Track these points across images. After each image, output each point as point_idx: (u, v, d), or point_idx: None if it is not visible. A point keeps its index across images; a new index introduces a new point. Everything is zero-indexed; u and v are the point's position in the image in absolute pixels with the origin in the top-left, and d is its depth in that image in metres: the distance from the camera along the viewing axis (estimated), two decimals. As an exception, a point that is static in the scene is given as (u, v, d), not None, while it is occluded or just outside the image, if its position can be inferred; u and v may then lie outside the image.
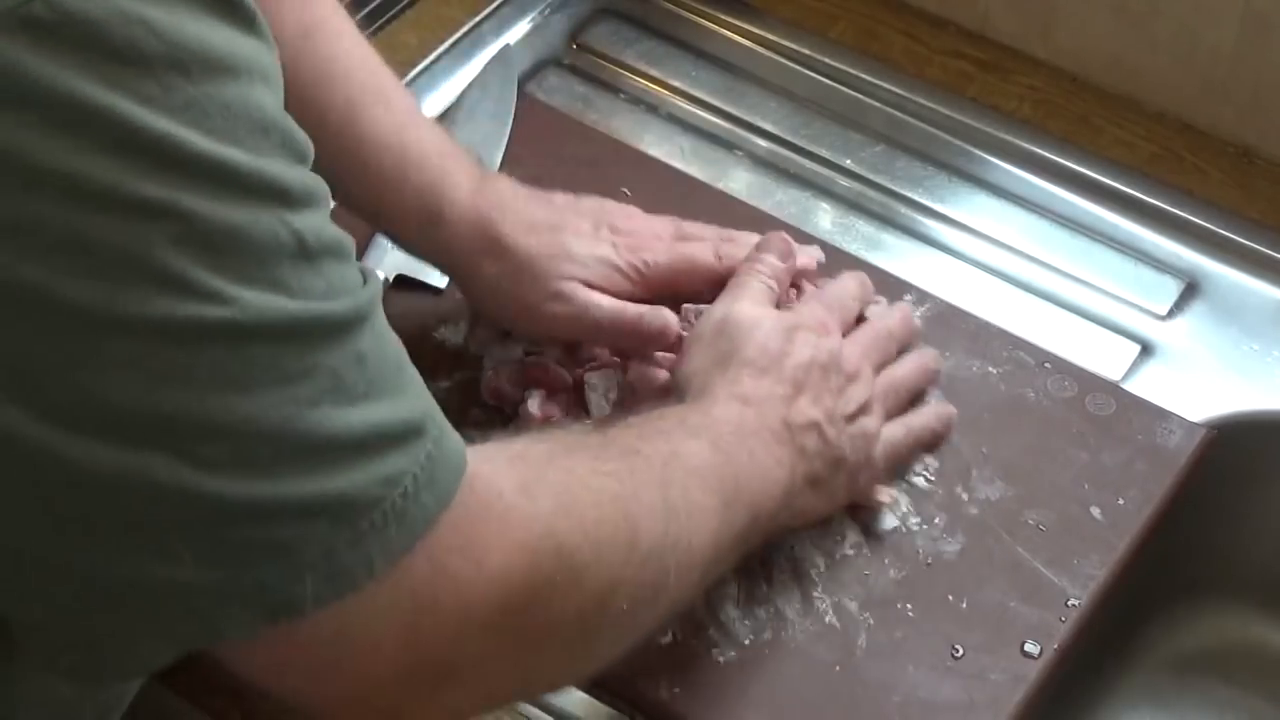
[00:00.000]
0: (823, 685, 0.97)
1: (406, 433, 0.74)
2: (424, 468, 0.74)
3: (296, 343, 0.71)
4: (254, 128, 0.70)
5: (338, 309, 0.72)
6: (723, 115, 1.27)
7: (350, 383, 0.72)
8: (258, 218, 0.69)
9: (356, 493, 0.72)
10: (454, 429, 0.77)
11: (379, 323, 0.75)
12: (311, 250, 0.71)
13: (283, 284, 0.70)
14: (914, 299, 1.14)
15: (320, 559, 0.72)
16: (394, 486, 0.73)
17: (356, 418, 0.72)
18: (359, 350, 0.73)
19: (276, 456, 0.70)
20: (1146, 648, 1.17)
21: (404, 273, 1.14)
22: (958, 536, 1.03)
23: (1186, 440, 1.08)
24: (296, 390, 0.70)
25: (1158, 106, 1.27)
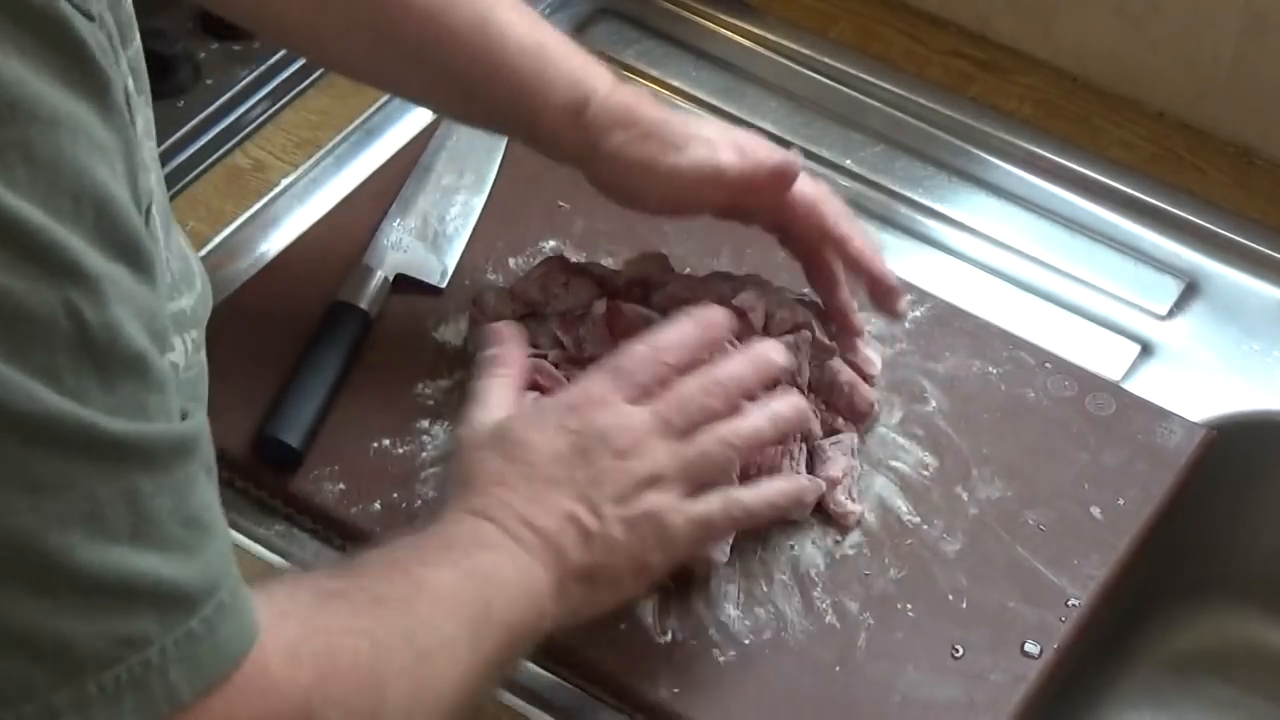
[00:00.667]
0: (823, 685, 0.97)
1: (164, 596, 0.66)
2: (178, 642, 0.67)
3: (54, 448, 0.63)
4: (62, 190, 0.63)
5: (115, 429, 0.64)
6: (723, 115, 1.27)
7: (110, 519, 0.65)
8: (34, 288, 0.62)
9: (84, 643, 0.64)
10: (250, 609, 0.71)
11: (185, 470, 0.68)
12: (98, 350, 0.64)
13: (51, 374, 0.63)
14: (914, 299, 1.14)
15: (35, 715, 0.64)
16: (133, 651, 0.66)
17: (109, 560, 0.64)
18: (131, 486, 0.65)
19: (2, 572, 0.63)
20: (1146, 648, 1.17)
21: (404, 272, 1.14)
22: (958, 536, 1.03)
23: (1186, 440, 1.08)
24: (43, 503, 0.63)
25: (1158, 106, 1.27)
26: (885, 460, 1.06)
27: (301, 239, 1.17)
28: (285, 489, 1.04)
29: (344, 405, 1.07)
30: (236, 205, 1.19)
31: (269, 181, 1.21)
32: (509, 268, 1.15)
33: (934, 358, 1.11)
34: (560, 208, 1.18)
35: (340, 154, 1.23)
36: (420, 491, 1.03)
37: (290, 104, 1.25)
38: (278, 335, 1.09)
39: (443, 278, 1.14)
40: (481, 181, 1.20)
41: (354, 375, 1.09)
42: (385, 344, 1.10)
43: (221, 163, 1.22)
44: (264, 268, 1.15)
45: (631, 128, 1.02)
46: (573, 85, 1.02)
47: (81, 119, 0.64)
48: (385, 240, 1.15)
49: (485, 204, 1.19)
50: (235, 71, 1.25)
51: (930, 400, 1.09)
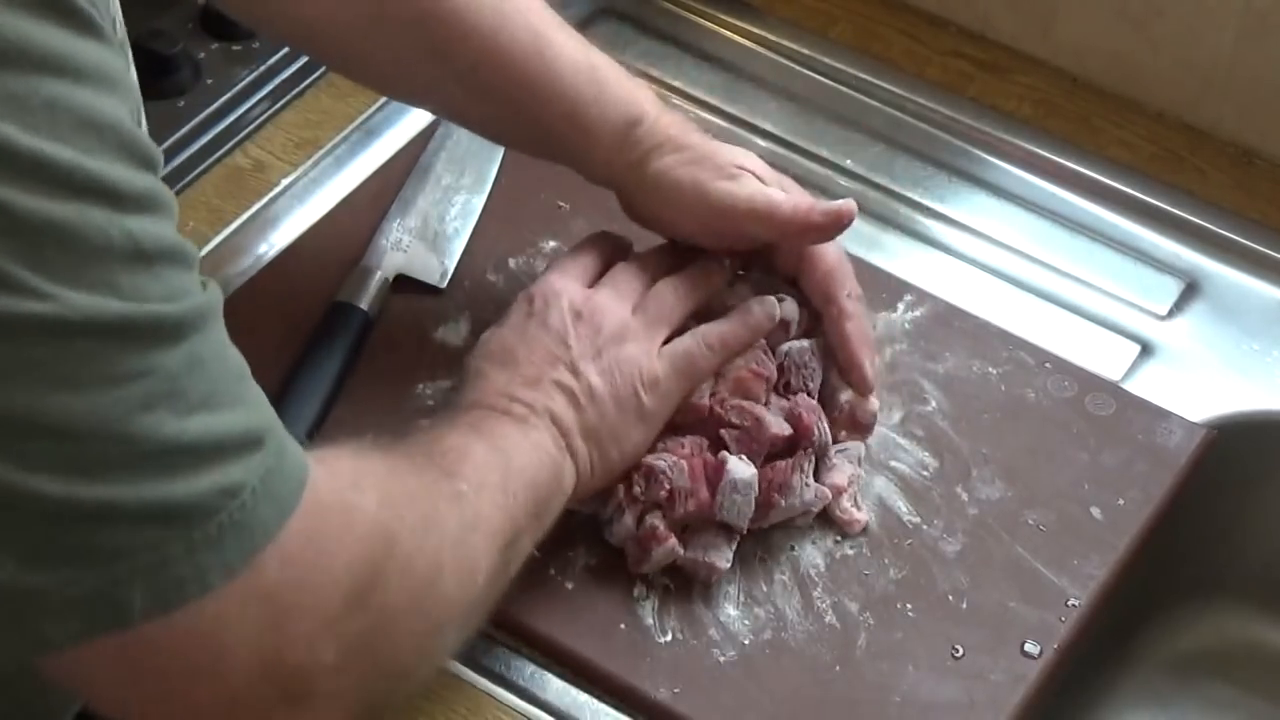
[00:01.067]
0: (823, 685, 0.97)
1: (245, 444, 0.73)
2: (263, 480, 0.73)
3: (128, 342, 0.70)
4: (83, 127, 0.69)
5: (175, 311, 0.71)
6: (723, 115, 1.27)
7: (186, 389, 0.71)
8: (84, 216, 0.68)
9: (190, 502, 0.71)
10: (292, 438, 0.77)
11: (220, 331, 0.75)
12: (147, 253, 0.70)
13: (112, 284, 0.69)
14: (914, 299, 1.14)
15: (151, 568, 0.70)
16: (231, 498, 0.72)
17: (193, 425, 0.71)
18: (197, 355, 0.72)
19: (104, 459, 0.69)
20: (1146, 648, 1.17)
21: (404, 272, 1.14)
22: (958, 536, 1.03)
23: (1186, 440, 1.08)
24: (127, 392, 0.69)
25: (1158, 106, 1.27)
26: (885, 461, 1.06)
27: (301, 239, 1.17)
28: (285, 489, 1.04)
29: (344, 405, 1.07)
30: (236, 205, 1.19)
31: (269, 181, 1.21)
32: (509, 268, 1.15)
33: (934, 358, 1.11)
34: (560, 208, 1.18)
35: (340, 154, 1.23)
36: (420, 491, 1.03)
37: (290, 104, 1.25)
38: (278, 335, 1.09)
39: (443, 278, 1.14)
40: (481, 181, 1.20)
41: (354, 375, 1.09)
42: (385, 344, 1.10)
43: (221, 163, 1.22)
44: (264, 268, 1.15)
45: (683, 150, 1.05)
46: (625, 108, 1.05)
47: (86, 60, 0.69)
48: (385, 240, 1.15)
49: (485, 204, 1.19)
50: (235, 71, 1.25)
51: (930, 400, 1.09)
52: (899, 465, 1.06)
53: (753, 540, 1.02)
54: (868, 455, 1.06)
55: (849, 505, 1.03)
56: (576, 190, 1.17)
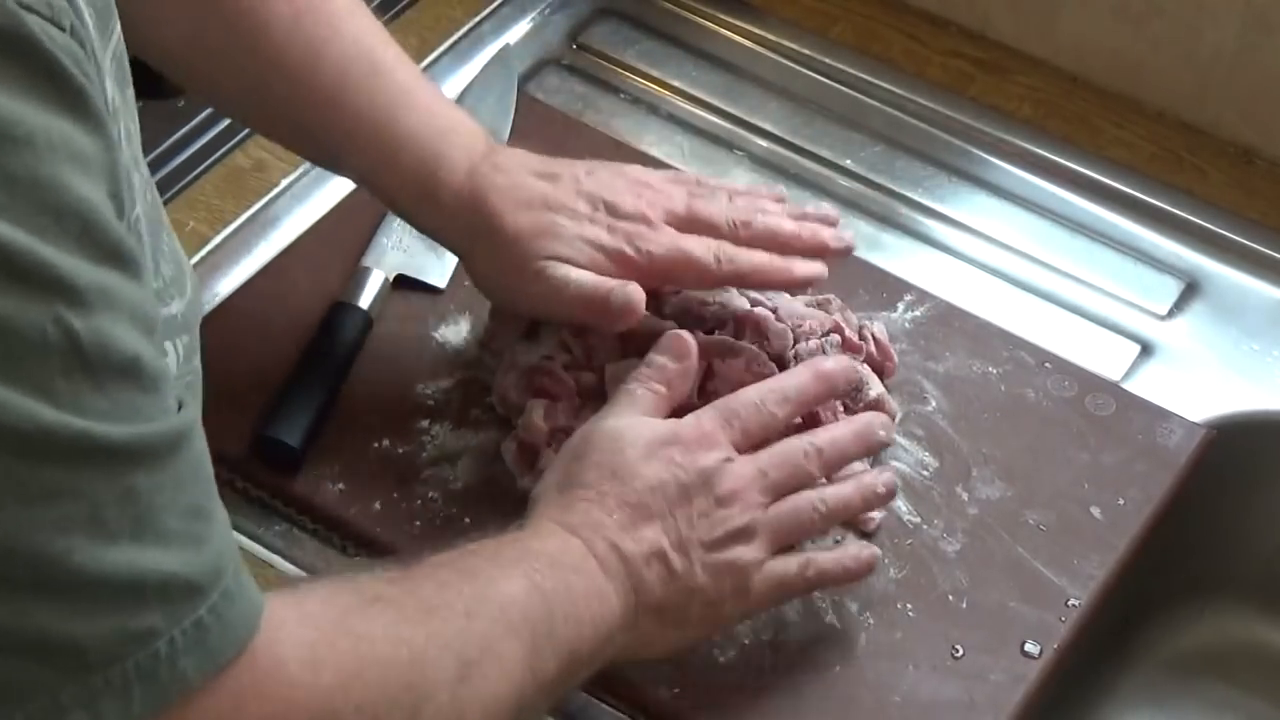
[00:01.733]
0: (823, 685, 0.97)
1: (173, 589, 0.67)
2: (188, 632, 0.68)
3: (50, 459, 0.64)
4: (42, 208, 0.63)
5: (111, 434, 0.65)
6: (723, 115, 1.27)
7: (109, 519, 0.65)
8: (25, 308, 0.62)
9: (90, 642, 0.65)
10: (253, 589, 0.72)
11: (180, 462, 0.68)
12: (90, 360, 0.64)
13: (46, 390, 0.63)
14: (914, 299, 1.14)
15: (43, 711, 0.65)
16: (141, 645, 0.66)
17: (111, 560, 0.65)
18: (130, 485, 0.66)
19: (4, 579, 0.64)
20: (1146, 648, 1.17)
21: (404, 272, 1.14)
22: (958, 536, 1.03)
23: (1186, 440, 1.08)
24: (42, 512, 0.64)
25: (1158, 106, 1.27)
26: (885, 460, 1.06)
27: (301, 239, 1.17)
28: (285, 489, 1.04)
29: (344, 405, 1.07)
30: (236, 205, 1.19)
31: (269, 181, 1.21)
32: (509, 268, 1.15)
33: (934, 358, 1.11)
34: (560, 208, 1.18)
35: (340, 154, 1.22)
36: (420, 491, 1.03)
37: (290, 104, 1.24)
38: (278, 335, 1.09)
39: (443, 278, 1.14)
40: (481, 181, 1.19)
41: (354, 375, 1.09)
42: (385, 344, 1.10)
43: (221, 163, 1.22)
44: (264, 268, 1.15)
45: (491, 237, 1.02)
46: (418, 173, 1.02)
47: (56, 133, 0.64)
48: (385, 240, 1.15)
49: (485, 204, 1.18)
50: (235, 72, 1.24)
51: (930, 400, 1.09)
52: (899, 465, 1.06)
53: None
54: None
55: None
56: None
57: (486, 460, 1.05)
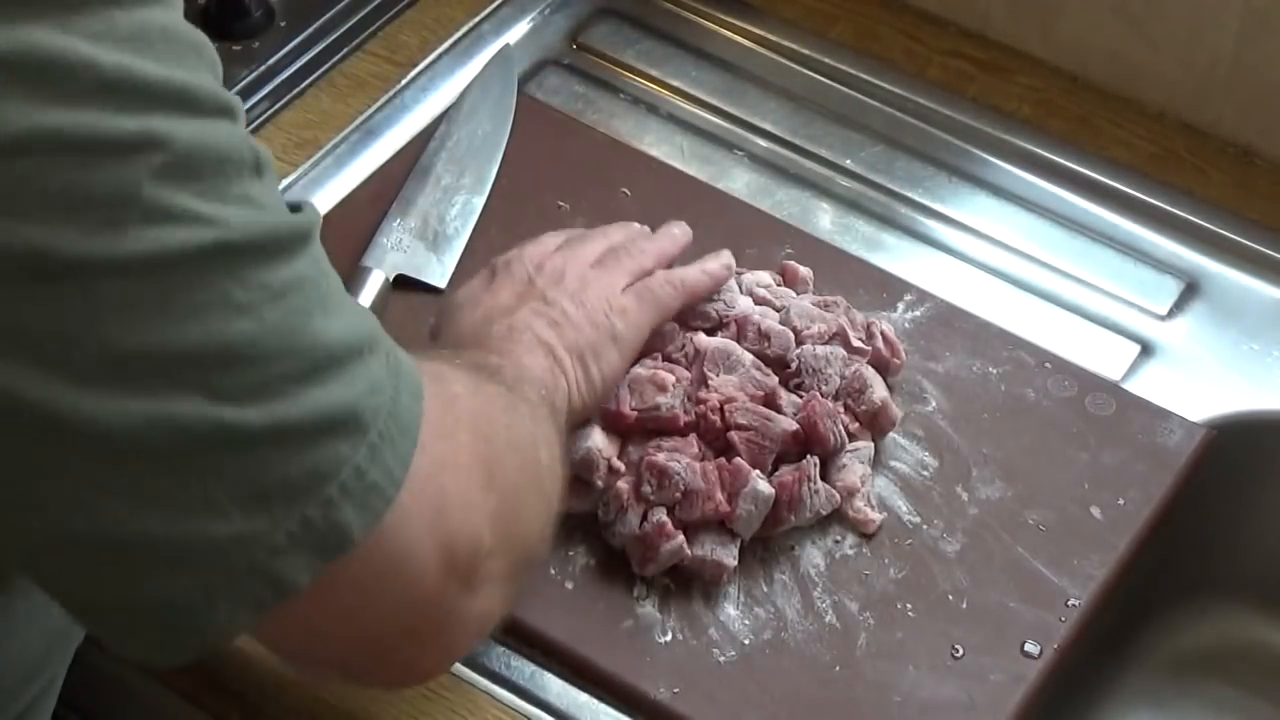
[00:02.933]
0: (823, 685, 0.97)
1: (372, 342, 0.74)
2: (395, 373, 0.74)
3: (279, 256, 0.70)
4: (188, 49, 0.70)
5: (298, 219, 0.72)
6: (723, 115, 1.27)
7: (326, 290, 0.73)
8: (223, 135, 0.69)
9: (359, 404, 0.72)
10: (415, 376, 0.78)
11: (318, 253, 0.75)
12: (262, 162, 0.72)
13: (252, 199, 0.70)
14: (914, 299, 1.14)
15: (351, 481, 0.71)
16: (382, 394, 0.73)
17: (338, 325, 0.72)
18: (319, 259, 0.73)
19: (287, 375, 0.70)
20: (1146, 648, 1.17)
21: (404, 272, 1.14)
22: (958, 536, 1.03)
23: (1186, 440, 1.08)
24: (290, 303, 0.70)
25: (1158, 106, 1.27)
26: (885, 460, 1.06)
27: (301, 239, 1.17)
28: (285, 489, 1.04)
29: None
30: (236, 205, 1.19)
31: (269, 181, 1.20)
32: (509, 268, 1.15)
33: (934, 358, 1.11)
34: (560, 208, 1.18)
35: (340, 154, 1.23)
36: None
37: (290, 104, 1.25)
38: (278, 335, 1.09)
39: (443, 278, 1.14)
40: (481, 181, 1.19)
41: (354, 375, 1.08)
42: (385, 344, 1.10)
43: (221, 163, 1.22)
44: (264, 268, 1.15)
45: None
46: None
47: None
48: (385, 240, 1.15)
49: (485, 204, 1.19)
50: (235, 71, 1.24)
51: (930, 400, 1.09)
52: (899, 465, 1.06)
53: (753, 540, 1.02)
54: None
55: (863, 505, 1.03)
56: (576, 190, 1.18)
57: (486, 460, 1.05)
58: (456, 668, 0.97)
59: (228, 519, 0.69)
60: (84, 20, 0.66)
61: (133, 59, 0.67)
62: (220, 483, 0.69)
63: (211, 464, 0.69)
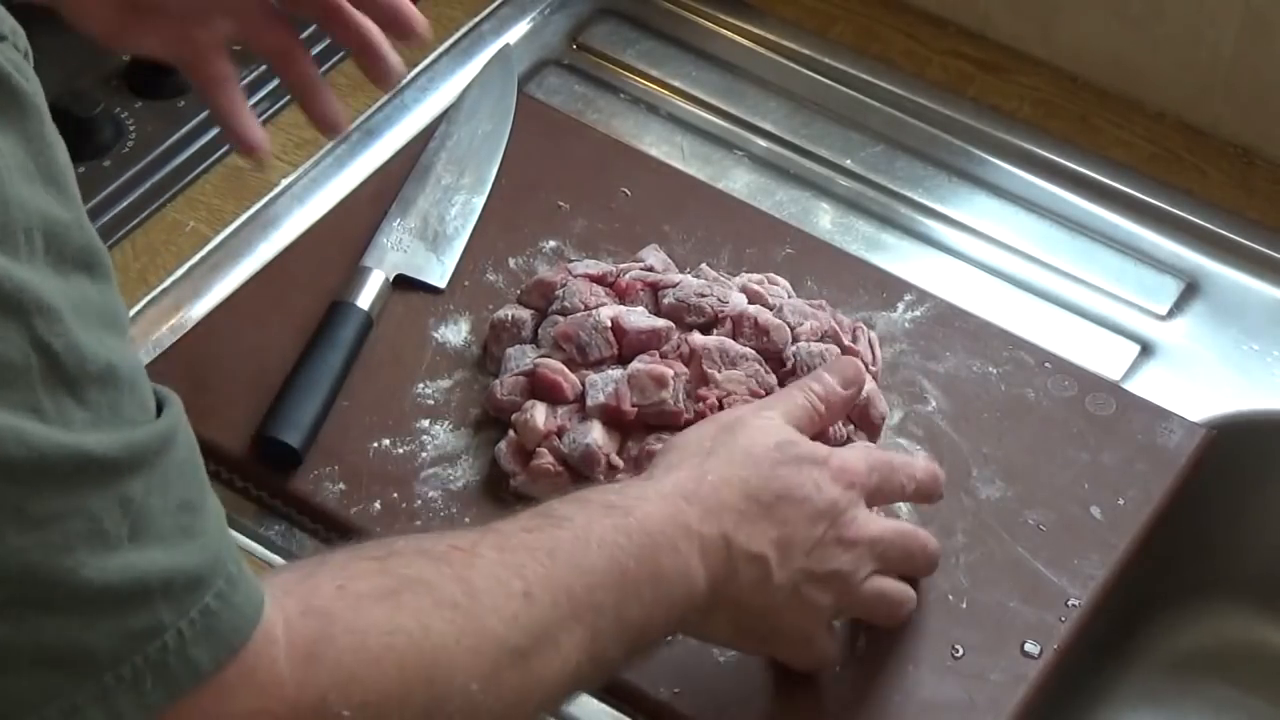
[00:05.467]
0: (823, 685, 0.97)
1: (176, 584, 0.68)
2: (196, 621, 0.68)
3: (46, 481, 0.64)
4: (11, 229, 0.63)
5: (101, 446, 0.65)
6: (723, 115, 1.27)
7: (109, 529, 0.66)
8: (3, 333, 0.63)
9: (100, 645, 0.66)
10: (252, 578, 0.71)
11: (167, 458, 0.69)
12: (70, 374, 0.65)
13: (33, 410, 0.64)
14: (914, 299, 1.14)
15: (60, 715, 0.66)
16: (149, 640, 0.67)
17: (114, 567, 0.66)
18: (124, 493, 0.66)
19: (12, 601, 0.64)
20: (1146, 648, 1.17)
21: (404, 272, 1.14)
22: (957, 536, 1.03)
23: (1186, 440, 1.08)
24: (45, 534, 0.64)
25: (1158, 106, 1.27)
26: (885, 460, 1.06)
27: (301, 239, 1.17)
28: (285, 489, 1.04)
29: (344, 405, 1.07)
30: (236, 205, 1.19)
31: (269, 181, 1.21)
32: (509, 268, 1.15)
33: (934, 358, 1.11)
34: (560, 208, 1.18)
35: (340, 154, 1.23)
36: (420, 491, 1.03)
37: (290, 104, 1.24)
38: (278, 335, 1.09)
39: (443, 278, 1.14)
40: (481, 181, 1.19)
41: (354, 375, 1.08)
42: (385, 344, 1.10)
43: (221, 163, 1.22)
44: (264, 268, 1.15)
45: None
46: None
47: (10, 151, 0.63)
48: (385, 240, 1.15)
49: (485, 204, 1.18)
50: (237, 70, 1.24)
51: (930, 400, 1.09)
52: (899, 465, 1.06)
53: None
54: (868, 455, 1.06)
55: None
56: (576, 190, 1.18)
57: (486, 460, 1.05)
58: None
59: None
60: None
61: None
62: None
63: None
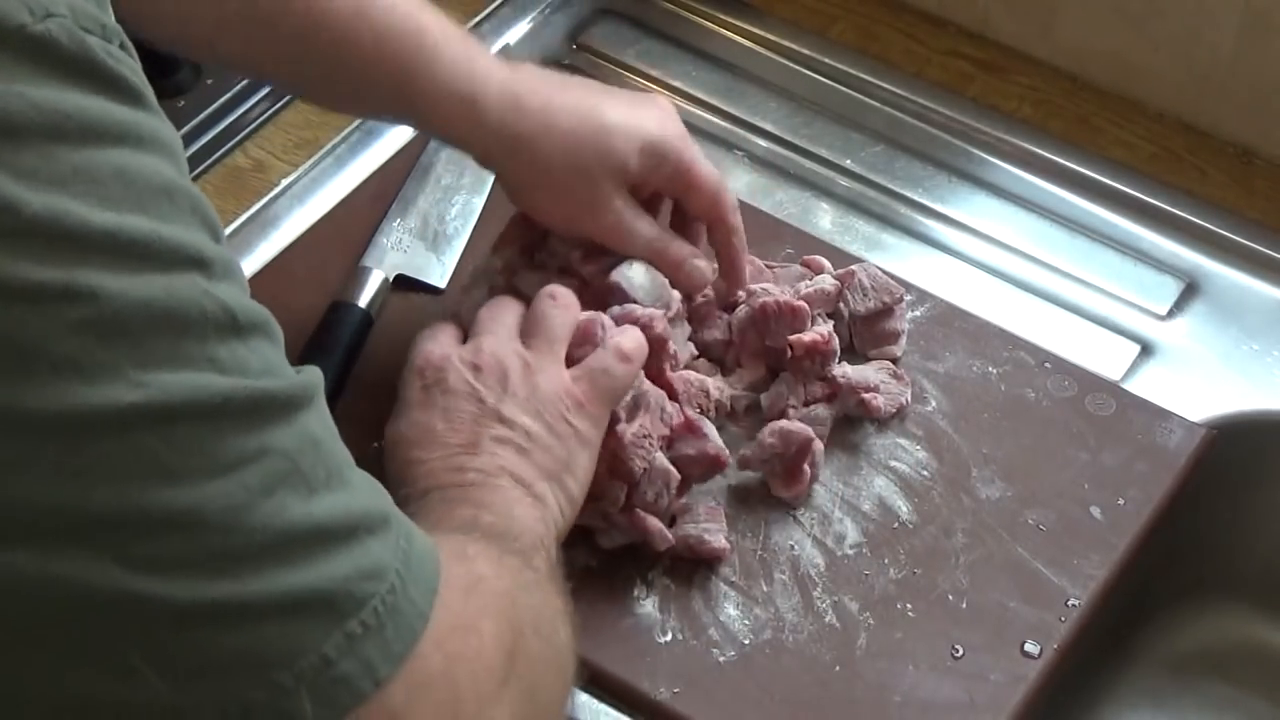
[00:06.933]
0: (823, 685, 0.97)
1: (378, 524, 0.70)
2: (404, 560, 0.70)
3: (236, 423, 0.65)
4: (157, 192, 0.65)
5: (282, 385, 0.67)
6: (723, 115, 1.27)
7: (308, 468, 0.67)
8: (174, 288, 0.65)
9: (336, 589, 0.67)
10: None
11: (326, 412, 0.71)
12: (241, 324, 0.67)
13: (211, 359, 0.65)
14: (914, 299, 1.14)
15: (313, 669, 0.66)
16: (380, 581, 0.68)
17: (322, 506, 0.67)
18: (312, 434, 0.68)
19: (229, 553, 0.65)
20: (1146, 648, 1.17)
21: (404, 272, 1.14)
22: (958, 536, 1.03)
23: (1186, 440, 1.08)
24: (243, 477, 0.65)
25: (1158, 106, 1.27)
26: (885, 460, 1.06)
27: (301, 239, 1.17)
28: (285, 489, 1.04)
29: (344, 405, 1.07)
30: (236, 205, 1.19)
31: (269, 181, 1.21)
32: (509, 268, 1.15)
33: (934, 358, 1.11)
34: (560, 208, 1.18)
35: (340, 154, 1.23)
36: (420, 491, 1.03)
37: (290, 104, 1.25)
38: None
39: (443, 278, 1.14)
40: (481, 181, 1.20)
41: (354, 375, 1.09)
42: (385, 344, 1.10)
43: (221, 163, 1.22)
44: (264, 268, 1.15)
45: (527, 115, 1.02)
46: (458, 84, 1.01)
47: (145, 127, 0.66)
48: (385, 240, 1.15)
49: (485, 204, 1.19)
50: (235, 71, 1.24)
51: (930, 400, 1.09)
52: (899, 465, 1.06)
53: (753, 539, 1.02)
54: (868, 455, 1.06)
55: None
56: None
57: (486, 460, 1.05)
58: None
59: (144, 683, 0.64)
60: (18, 154, 0.62)
61: (69, 202, 0.62)
62: (134, 648, 0.64)
63: (121, 629, 0.64)
